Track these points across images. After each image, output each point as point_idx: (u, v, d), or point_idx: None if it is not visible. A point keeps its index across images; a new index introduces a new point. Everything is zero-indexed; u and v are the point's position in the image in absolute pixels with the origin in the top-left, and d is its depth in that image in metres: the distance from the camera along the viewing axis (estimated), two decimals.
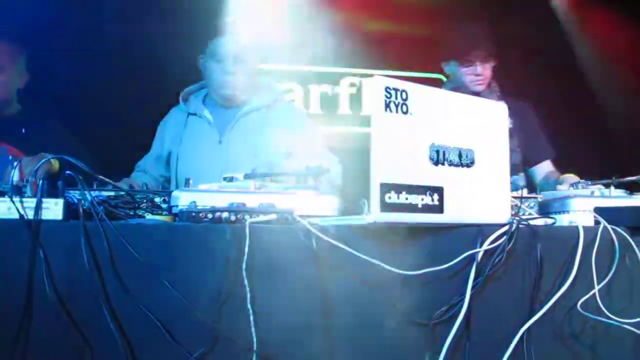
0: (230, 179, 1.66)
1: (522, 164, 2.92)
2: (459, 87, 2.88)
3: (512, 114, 2.87)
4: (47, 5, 3.17)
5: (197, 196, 1.51)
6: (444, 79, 4.22)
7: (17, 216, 1.34)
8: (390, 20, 3.76)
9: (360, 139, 4.06)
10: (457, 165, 1.49)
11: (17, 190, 1.37)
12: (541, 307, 1.52)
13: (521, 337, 1.50)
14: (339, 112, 4.19)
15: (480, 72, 2.82)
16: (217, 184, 1.63)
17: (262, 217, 1.40)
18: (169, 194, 1.57)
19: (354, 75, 4.19)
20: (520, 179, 2.83)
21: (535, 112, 3.00)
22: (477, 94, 2.85)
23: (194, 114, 2.68)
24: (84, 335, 1.34)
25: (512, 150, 2.81)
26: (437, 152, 1.45)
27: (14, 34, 2.79)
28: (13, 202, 1.33)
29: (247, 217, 1.39)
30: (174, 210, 1.53)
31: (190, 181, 1.66)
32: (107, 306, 1.34)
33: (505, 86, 2.99)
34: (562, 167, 2.87)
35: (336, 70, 4.17)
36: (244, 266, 1.35)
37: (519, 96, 3.04)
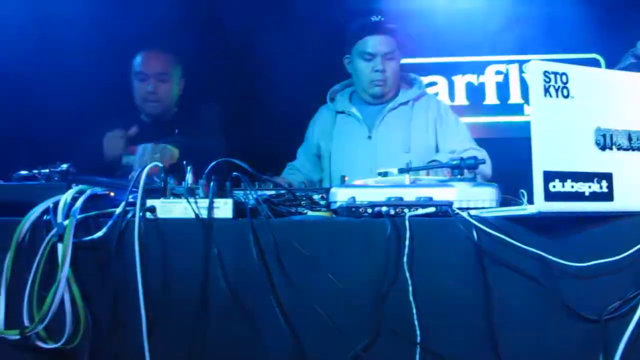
0: (385, 174, 1.68)
1: None
2: None
3: None
4: (198, 12, 3.40)
5: (354, 192, 1.54)
6: (600, 58, 3.96)
7: (192, 216, 1.45)
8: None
9: (510, 128, 3.90)
10: (626, 149, 1.39)
11: (191, 192, 1.49)
12: None
13: None
14: (485, 102, 4.06)
15: None
16: (373, 179, 1.66)
17: (420, 211, 1.40)
18: (327, 190, 1.62)
19: (500, 62, 4.04)
20: None
21: None
22: None
23: (342, 112, 2.75)
24: (254, 325, 1.42)
25: None
26: (604, 136, 1.37)
27: (171, 43, 3.02)
28: (189, 202, 1.44)
29: (405, 210, 1.40)
30: (332, 206, 1.58)
31: (346, 178, 1.71)
32: (274, 297, 1.41)
33: None
34: None
35: (481, 58, 4.03)
36: (405, 259, 1.36)
37: None
